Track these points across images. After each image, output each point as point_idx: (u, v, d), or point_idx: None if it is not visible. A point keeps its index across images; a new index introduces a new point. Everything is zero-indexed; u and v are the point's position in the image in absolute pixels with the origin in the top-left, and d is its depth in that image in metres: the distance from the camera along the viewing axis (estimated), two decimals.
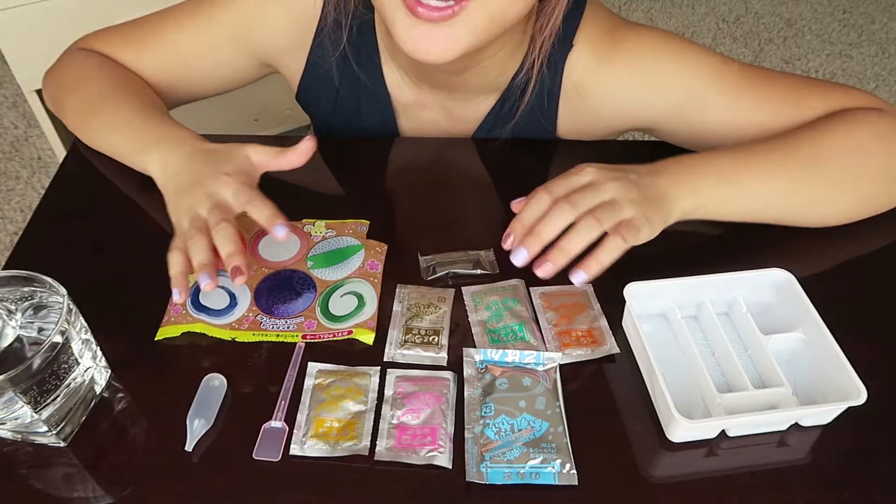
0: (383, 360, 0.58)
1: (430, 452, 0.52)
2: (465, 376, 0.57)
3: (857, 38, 2.36)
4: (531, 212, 0.58)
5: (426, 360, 0.58)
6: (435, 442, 0.52)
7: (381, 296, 0.62)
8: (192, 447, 0.52)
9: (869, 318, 0.63)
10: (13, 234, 1.70)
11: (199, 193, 0.60)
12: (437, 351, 0.58)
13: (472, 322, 0.61)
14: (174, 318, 0.60)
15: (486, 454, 0.51)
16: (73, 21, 1.39)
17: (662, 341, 0.60)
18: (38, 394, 0.49)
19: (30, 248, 0.68)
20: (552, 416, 0.54)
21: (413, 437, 0.52)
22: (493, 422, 0.53)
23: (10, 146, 1.90)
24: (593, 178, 0.58)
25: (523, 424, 0.53)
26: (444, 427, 0.53)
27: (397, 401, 0.55)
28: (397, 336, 0.59)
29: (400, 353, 0.58)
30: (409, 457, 0.51)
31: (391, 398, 0.55)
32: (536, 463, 0.51)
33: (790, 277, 0.59)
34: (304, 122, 1.87)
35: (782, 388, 0.54)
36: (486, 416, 0.53)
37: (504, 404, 0.54)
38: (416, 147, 0.82)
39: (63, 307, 0.50)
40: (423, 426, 0.53)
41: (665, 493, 0.51)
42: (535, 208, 0.58)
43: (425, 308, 0.61)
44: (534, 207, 0.58)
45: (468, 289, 0.63)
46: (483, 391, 0.55)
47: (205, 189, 0.60)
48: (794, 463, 0.53)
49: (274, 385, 0.56)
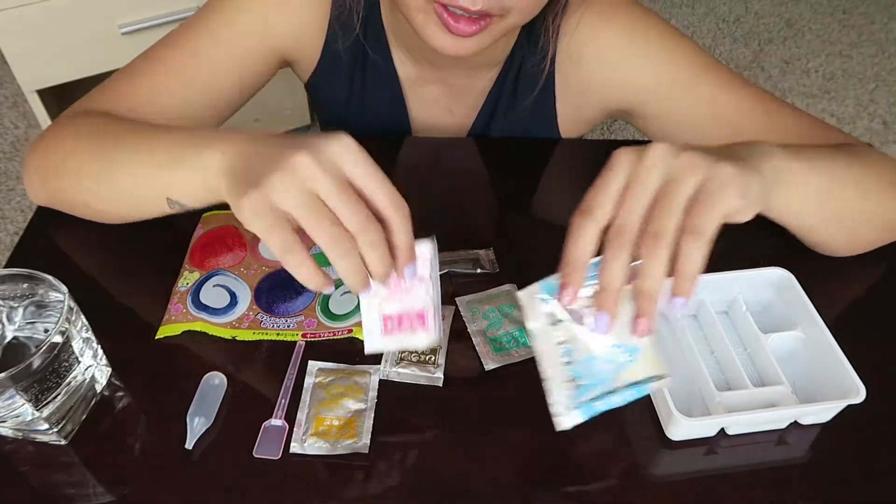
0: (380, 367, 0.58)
1: (420, 334, 0.48)
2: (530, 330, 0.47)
3: (857, 38, 2.36)
4: (581, 252, 0.44)
5: (421, 380, 0.57)
6: (425, 324, 0.48)
7: None
8: (192, 445, 0.52)
9: (868, 316, 0.63)
10: (13, 234, 1.70)
11: (300, 156, 0.43)
12: (434, 371, 0.57)
13: (471, 332, 0.60)
14: (174, 317, 0.60)
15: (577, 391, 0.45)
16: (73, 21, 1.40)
17: (662, 340, 0.60)
18: (39, 392, 0.49)
19: (30, 247, 0.68)
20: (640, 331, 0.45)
21: (399, 321, 0.48)
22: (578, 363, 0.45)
23: (10, 146, 1.90)
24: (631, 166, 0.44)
25: (610, 357, 0.45)
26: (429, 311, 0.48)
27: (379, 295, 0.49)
28: (393, 354, 0.58)
29: (395, 372, 0.57)
30: (398, 343, 0.47)
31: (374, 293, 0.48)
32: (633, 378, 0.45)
33: (789, 276, 0.59)
34: (304, 122, 1.88)
35: (781, 386, 0.54)
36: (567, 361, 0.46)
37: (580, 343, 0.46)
38: (417, 146, 0.82)
39: (64, 306, 0.50)
40: (409, 313, 0.48)
41: (665, 491, 0.51)
42: (584, 246, 0.44)
43: None
44: (580, 245, 0.44)
45: (462, 299, 0.62)
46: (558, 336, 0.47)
47: (306, 148, 0.44)
48: (794, 461, 0.53)
49: (274, 383, 0.56)
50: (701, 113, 0.70)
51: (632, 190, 0.44)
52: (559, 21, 0.71)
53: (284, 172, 0.43)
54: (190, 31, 0.71)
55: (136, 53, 0.72)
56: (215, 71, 0.71)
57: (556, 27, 0.71)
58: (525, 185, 0.76)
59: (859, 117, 2.09)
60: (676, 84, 0.71)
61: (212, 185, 0.50)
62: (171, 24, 1.43)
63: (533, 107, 0.78)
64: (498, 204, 0.74)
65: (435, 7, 0.59)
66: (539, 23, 0.72)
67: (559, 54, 0.74)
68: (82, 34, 1.43)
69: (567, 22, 0.72)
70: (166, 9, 1.44)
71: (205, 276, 0.63)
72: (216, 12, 0.71)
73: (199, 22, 0.71)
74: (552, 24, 0.71)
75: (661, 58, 0.71)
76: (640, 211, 0.43)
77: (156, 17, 1.44)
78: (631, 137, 2.00)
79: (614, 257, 0.43)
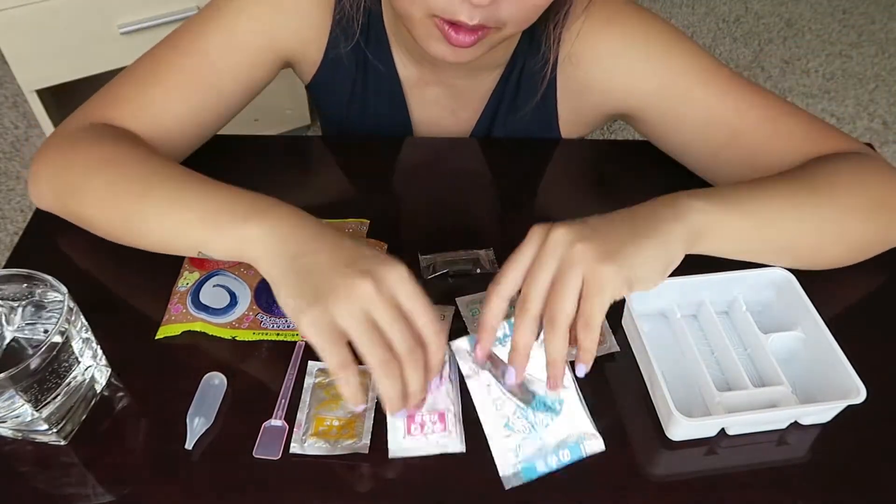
0: None
1: (442, 439, 0.52)
2: (464, 373, 0.54)
3: (857, 38, 2.36)
4: (490, 318, 0.51)
5: None
6: (445, 428, 0.52)
7: None
8: (192, 445, 0.52)
9: (868, 316, 0.63)
10: (13, 234, 1.70)
11: (364, 284, 0.48)
12: None
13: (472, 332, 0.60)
14: (174, 317, 0.60)
15: (518, 453, 0.51)
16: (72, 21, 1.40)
17: (662, 340, 0.60)
18: (39, 392, 0.49)
19: (30, 248, 0.68)
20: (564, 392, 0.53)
21: (422, 425, 0.52)
22: (509, 417, 0.52)
23: (10, 146, 1.90)
24: (538, 244, 0.51)
25: (540, 407, 0.52)
26: (450, 410, 0.53)
27: None
28: None
29: None
30: (420, 448, 0.51)
31: None
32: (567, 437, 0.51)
33: (790, 276, 0.59)
34: (304, 122, 1.88)
35: (782, 386, 0.54)
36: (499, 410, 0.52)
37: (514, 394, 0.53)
38: (417, 147, 0.82)
39: (63, 306, 0.50)
40: (431, 412, 0.53)
41: (665, 491, 0.51)
42: (493, 315, 0.51)
43: None
44: (490, 314, 0.51)
45: (462, 299, 0.62)
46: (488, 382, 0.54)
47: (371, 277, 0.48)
48: (794, 461, 0.53)
49: (274, 383, 0.56)
50: (700, 117, 0.70)
51: (533, 270, 0.50)
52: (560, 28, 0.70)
53: (349, 297, 0.47)
54: (192, 34, 0.71)
55: (136, 53, 0.72)
56: (218, 73, 0.71)
57: (557, 33, 0.71)
58: (525, 185, 0.76)
59: (859, 117, 2.09)
60: (676, 88, 0.71)
61: (250, 257, 0.54)
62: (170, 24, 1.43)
63: (534, 110, 0.78)
64: (498, 204, 0.75)
65: (435, 21, 0.60)
66: (541, 27, 0.72)
67: (561, 58, 0.74)
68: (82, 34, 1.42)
69: (569, 26, 0.72)
70: (166, 9, 1.44)
71: (205, 276, 0.63)
72: (218, 14, 0.71)
73: (201, 24, 0.71)
74: (553, 31, 0.71)
75: (661, 62, 0.71)
76: (541, 289, 0.50)
77: (155, 18, 1.44)
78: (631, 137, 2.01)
79: (521, 325, 0.50)
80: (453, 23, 0.59)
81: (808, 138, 0.68)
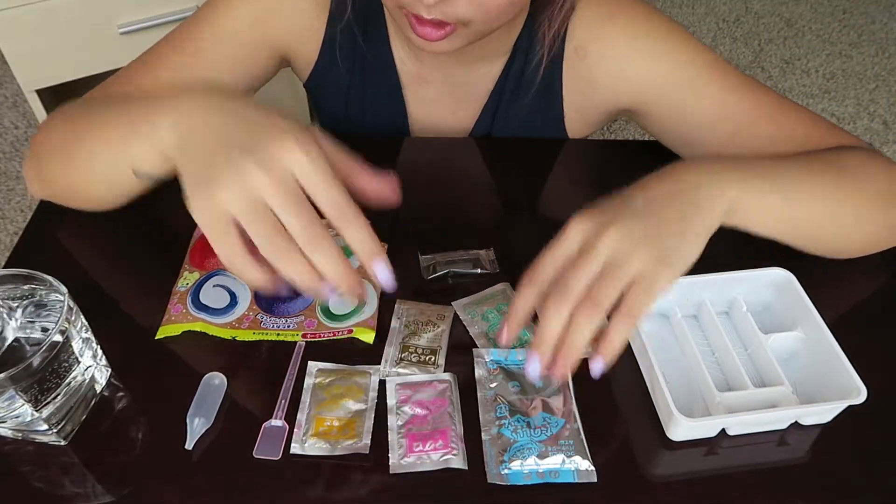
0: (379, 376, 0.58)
1: (445, 456, 0.51)
2: (476, 377, 0.57)
3: (857, 38, 2.36)
4: (522, 305, 0.50)
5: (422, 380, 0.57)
6: (447, 445, 0.52)
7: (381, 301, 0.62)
8: (192, 446, 0.52)
9: (868, 316, 0.63)
10: (13, 234, 1.70)
11: (247, 160, 0.44)
12: (434, 371, 0.57)
13: (474, 335, 0.60)
14: (174, 317, 0.60)
15: (505, 455, 0.51)
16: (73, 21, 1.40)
17: (662, 340, 0.60)
18: (39, 392, 0.49)
19: (30, 248, 0.68)
20: (566, 412, 0.54)
21: (424, 442, 0.52)
22: (509, 421, 0.53)
23: (10, 146, 1.90)
24: (584, 239, 0.50)
25: (539, 422, 0.53)
26: (453, 429, 0.53)
27: (402, 410, 0.55)
28: (393, 354, 0.58)
29: (395, 372, 0.57)
30: (423, 464, 0.51)
31: (395, 407, 0.55)
32: (556, 462, 0.51)
33: (790, 277, 0.59)
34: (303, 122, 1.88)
35: (782, 386, 0.54)
36: (500, 416, 0.53)
37: (518, 405, 0.54)
38: (417, 147, 0.82)
39: (63, 306, 0.50)
40: (433, 431, 0.53)
41: (665, 491, 0.51)
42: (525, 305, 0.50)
43: (424, 326, 0.60)
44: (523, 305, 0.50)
45: (458, 303, 0.62)
46: (495, 392, 0.55)
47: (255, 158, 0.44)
48: (794, 462, 0.53)
49: (274, 384, 0.56)
50: (705, 112, 0.70)
51: (583, 260, 0.49)
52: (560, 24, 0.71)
53: (235, 184, 0.44)
54: (190, 31, 0.71)
55: (136, 53, 0.72)
56: (216, 69, 0.71)
57: (560, 29, 0.71)
58: (525, 185, 0.76)
59: (859, 117, 2.09)
60: (681, 83, 0.71)
61: (170, 157, 0.50)
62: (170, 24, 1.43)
63: (539, 108, 0.78)
64: (498, 204, 0.74)
65: (404, 12, 0.61)
66: (540, 22, 0.72)
67: (566, 55, 0.74)
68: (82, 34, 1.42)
69: (573, 22, 0.72)
70: (165, 9, 1.44)
71: (205, 276, 0.63)
72: (214, 10, 0.72)
73: (199, 21, 0.72)
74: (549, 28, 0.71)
75: (666, 57, 0.71)
76: (587, 280, 0.48)
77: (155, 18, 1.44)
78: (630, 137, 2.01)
79: (551, 316, 0.48)
80: (416, 16, 0.59)
81: (811, 135, 0.68)
